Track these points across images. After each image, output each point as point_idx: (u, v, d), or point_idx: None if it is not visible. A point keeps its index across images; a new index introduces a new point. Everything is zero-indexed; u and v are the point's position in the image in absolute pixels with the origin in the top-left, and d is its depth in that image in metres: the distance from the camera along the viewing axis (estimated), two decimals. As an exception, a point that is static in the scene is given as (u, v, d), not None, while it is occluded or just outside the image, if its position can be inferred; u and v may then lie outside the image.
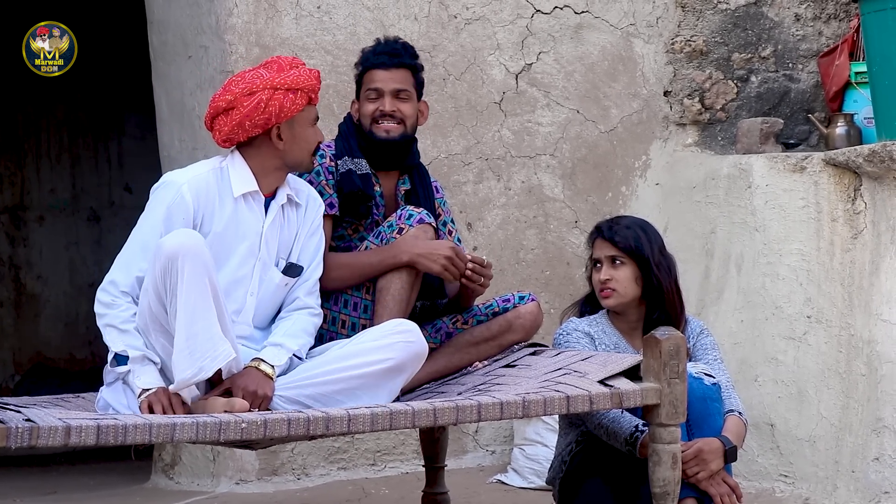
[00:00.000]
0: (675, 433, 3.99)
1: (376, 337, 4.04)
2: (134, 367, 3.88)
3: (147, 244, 3.95)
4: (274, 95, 4.03)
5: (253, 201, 4.10)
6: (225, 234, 4.04)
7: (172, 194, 4.00)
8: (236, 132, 4.06)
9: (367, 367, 3.98)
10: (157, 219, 3.99)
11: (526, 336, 4.54)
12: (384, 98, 4.46)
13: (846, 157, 5.45)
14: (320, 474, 5.75)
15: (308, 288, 4.20)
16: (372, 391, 3.99)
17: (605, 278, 4.35)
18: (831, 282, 5.48)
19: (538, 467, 5.62)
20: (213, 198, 4.04)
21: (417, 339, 4.05)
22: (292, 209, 4.19)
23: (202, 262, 3.79)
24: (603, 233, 4.41)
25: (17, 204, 9.49)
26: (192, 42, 5.86)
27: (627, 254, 4.35)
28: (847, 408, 5.31)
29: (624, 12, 6.24)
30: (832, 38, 6.34)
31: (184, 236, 3.83)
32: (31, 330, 9.50)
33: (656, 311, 4.36)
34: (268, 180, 4.12)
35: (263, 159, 4.10)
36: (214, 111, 4.08)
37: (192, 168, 4.15)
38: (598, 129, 6.22)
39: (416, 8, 5.94)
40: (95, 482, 6.41)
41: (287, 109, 4.04)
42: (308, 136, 4.14)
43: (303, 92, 4.08)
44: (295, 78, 4.06)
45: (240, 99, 4.03)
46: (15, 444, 3.38)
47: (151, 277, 3.83)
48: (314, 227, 4.23)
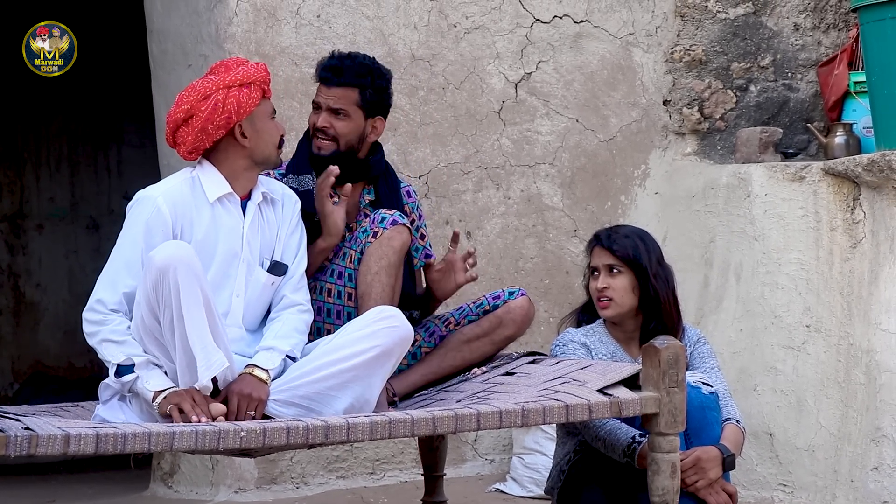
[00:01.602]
0: (674, 442, 3.99)
1: (360, 326, 4.04)
2: (141, 373, 3.88)
3: (130, 261, 3.96)
4: (229, 94, 4.05)
5: (229, 204, 4.11)
6: (206, 240, 4.05)
7: (149, 209, 4.02)
8: (201, 139, 4.07)
9: (355, 357, 3.98)
10: (136, 235, 4.00)
11: (518, 330, 4.54)
12: (321, 113, 4.48)
13: (845, 166, 5.46)
14: (319, 483, 5.74)
15: (294, 284, 4.21)
16: (364, 381, 3.99)
17: (603, 286, 4.35)
18: (830, 291, 5.48)
19: (537, 476, 5.62)
20: (189, 207, 4.05)
21: (402, 323, 4.05)
22: (269, 208, 4.20)
23: (193, 273, 3.79)
24: (601, 241, 4.41)
25: (17, 212, 9.49)
26: (191, 51, 5.87)
27: (625, 263, 4.35)
28: (846, 417, 5.31)
29: (623, 22, 6.24)
30: (831, 47, 6.34)
31: (173, 248, 3.83)
32: (30, 338, 9.50)
33: (653, 321, 4.36)
34: (240, 182, 4.14)
35: (232, 161, 4.12)
36: (174, 125, 4.10)
37: (163, 182, 4.18)
38: (597, 138, 6.23)
39: (415, 17, 5.94)
40: (94, 491, 6.40)
41: (245, 105, 4.06)
42: (270, 129, 4.15)
43: (255, 85, 4.10)
44: (245, 73, 4.09)
45: (196, 105, 4.05)
46: (14, 452, 3.38)
47: (143, 291, 3.84)
48: (293, 223, 4.25)
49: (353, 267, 4.34)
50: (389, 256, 4.29)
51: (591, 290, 4.41)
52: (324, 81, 4.47)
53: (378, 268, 4.28)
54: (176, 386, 3.87)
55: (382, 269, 4.28)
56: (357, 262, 4.33)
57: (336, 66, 4.46)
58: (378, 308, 4.12)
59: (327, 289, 4.36)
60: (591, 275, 4.42)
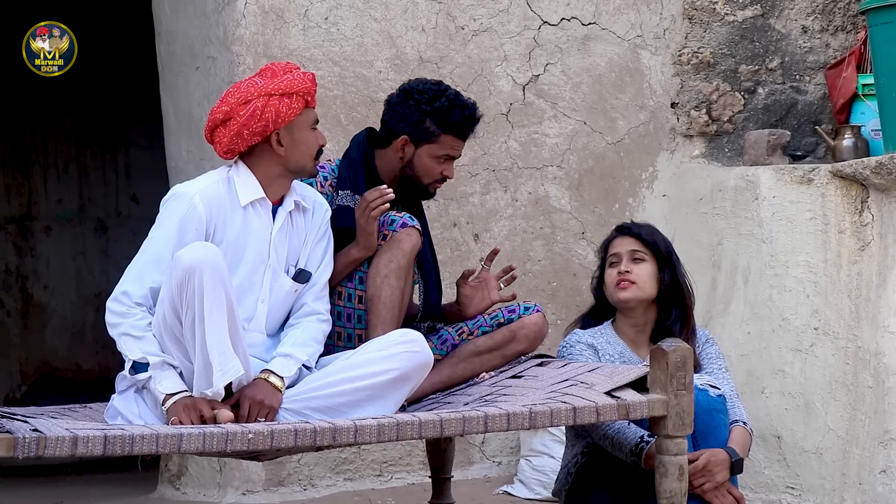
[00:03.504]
0: (681, 445, 3.98)
1: (381, 347, 4.03)
2: (155, 373, 3.87)
3: (160, 256, 3.95)
4: (269, 102, 4.02)
5: (261, 208, 4.10)
6: (237, 242, 4.04)
7: (185, 205, 4.00)
8: (236, 142, 4.06)
9: (372, 377, 3.97)
10: (170, 230, 3.98)
11: (530, 346, 4.53)
12: (451, 165, 4.48)
13: (853, 169, 5.45)
14: (327, 485, 5.75)
15: (316, 293, 4.19)
16: (378, 402, 3.98)
17: (625, 269, 4.34)
18: (838, 294, 5.48)
19: (544, 479, 5.62)
20: (224, 207, 4.04)
21: (423, 349, 4.05)
22: (300, 215, 4.19)
23: (219, 276, 3.78)
24: (625, 230, 4.42)
25: (25, 214, 9.50)
26: (199, 53, 5.88)
27: (650, 250, 4.36)
28: (854, 420, 5.30)
29: (631, 24, 6.24)
30: (839, 50, 6.34)
31: (201, 250, 3.82)
32: (38, 340, 9.51)
33: (667, 315, 4.36)
34: (273, 188, 4.12)
35: (266, 167, 4.10)
36: (213, 123, 4.09)
37: (200, 179, 4.14)
38: (605, 141, 6.23)
39: (423, 19, 5.95)
40: (102, 493, 6.41)
41: (284, 115, 4.04)
42: (308, 139, 4.12)
43: (298, 96, 4.07)
44: (289, 82, 4.06)
45: (236, 109, 4.03)
46: (22, 454, 3.38)
47: (168, 289, 3.82)
48: (321, 231, 4.23)
49: (363, 269, 4.34)
50: (399, 259, 4.28)
51: (610, 277, 4.38)
52: (464, 136, 4.46)
53: (388, 271, 4.27)
54: (188, 390, 3.86)
55: (392, 273, 4.27)
56: (367, 265, 4.33)
57: (477, 120, 4.47)
58: (402, 331, 4.12)
59: (337, 291, 4.35)
60: (609, 264, 4.40)
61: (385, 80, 5.81)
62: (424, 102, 4.39)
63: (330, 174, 4.42)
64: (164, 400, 3.86)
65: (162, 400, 3.86)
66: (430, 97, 4.40)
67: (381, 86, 5.79)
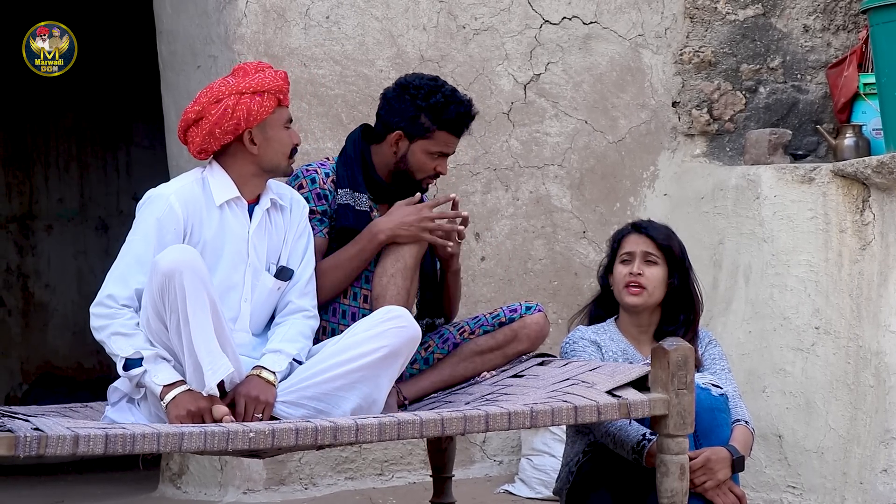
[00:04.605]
0: (682, 444, 3.98)
1: (368, 327, 4.03)
2: (149, 367, 3.87)
3: (141, 258, 3.95)
4: (240, 100, 4.02)
5: (236, 208, 4.10)
6: (214, 242, 4.04)
7: (162, 206, 4.01)
8: (208, 142, 4.06)
9: (363, 358, 3.98)
10: (148, 232, 3.98)
11: (531, 346, 4.53)
12: (445, 161, 4.46)
13: (854, 168, 5.45)
14: (328, 484, 5.75)
15: (300, 289, 4.19)
16: (372, 381, 3.98)
17: (638, 272, 4.33)
18: (839, 293, 5.48)
19: (545, 478, 5.62)
20: (199, 207, 4.04)
21: (409, 324, 4.04)
22: (278, 213, 4.19)
23: (199, 277, 3.79)
24: (640, 229, 4.41)
25: (26, 213, 9.50)
26: (200, 52, 5.88)
27: (663, 253, 4.36)
28: (855, 419, 5.30)
29: (632, 23, 6.24)
30: (841, 49, 6.34)
31: (179, 252, 3.82)
32: (38, 339, 9.51)
33: (673, 317, 4.36)
34: (248, 187, 4.12)
35: (240, 166, 4.10)
36: (185, 124, 4.09)
37: (175, 181, 4.16)
38: (606, 140, 6.23)
39: (424, 18, 5.95)
40: (103, 491, 6.41)
41: (255, 113, 4.04)
42: (282, 138, 4.12)
43: (270, 94, 4.06)
44: (260, 81, 4.06)
45: (207, 108, 4.03)
46: (23, 452, 3.38)
47: (149, 295, 3.83)
48: (301, 228, 4.23)
49: (369, 269, 4.34)
50: (406, 259, 4.28)
51: (620, 274, 4.38)
52: (458, 133, 4.45)
53: (394, 270, 4.27)
54: (184, 379, 3.86)
55: (398, 272, 4.27)
56: (373, 264, 4.32)
57: (472, 117, 4.46)
58: (385, 308, 4.11)
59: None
60: (620, 261, 4.39)
61: (386, 78, 5.80)
62: (420, 98, 4.39)
63: (331, 171, 4.42)
64: (162, 393, 3.85)
65: (160, 393, 3.86)
66: (425, 93, 4.39)
67: (382, 85, 5.75)
